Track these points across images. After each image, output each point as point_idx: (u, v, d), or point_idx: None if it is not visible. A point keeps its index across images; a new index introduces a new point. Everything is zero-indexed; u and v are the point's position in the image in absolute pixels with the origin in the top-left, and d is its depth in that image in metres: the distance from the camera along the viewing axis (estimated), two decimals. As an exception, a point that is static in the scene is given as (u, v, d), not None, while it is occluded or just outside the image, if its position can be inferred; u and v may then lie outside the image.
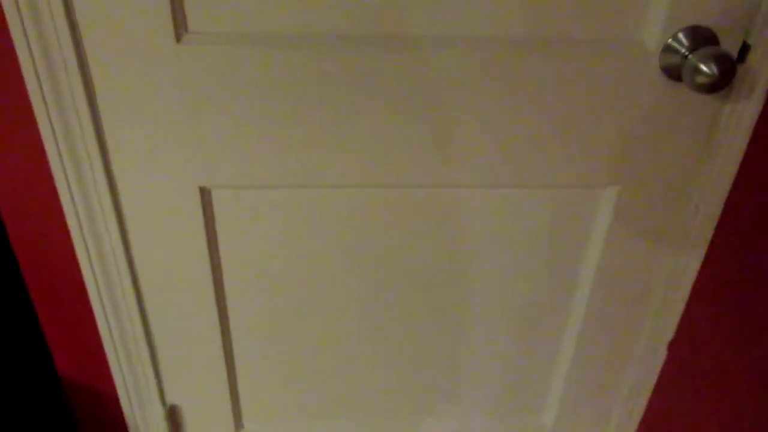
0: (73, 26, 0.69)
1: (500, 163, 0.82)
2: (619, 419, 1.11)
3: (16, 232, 0.86)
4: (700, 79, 0.69)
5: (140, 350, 0.97)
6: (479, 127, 0.78)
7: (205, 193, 0.83)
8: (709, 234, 0.88)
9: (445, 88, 0.75)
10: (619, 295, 0.96)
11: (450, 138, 0.79)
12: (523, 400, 1.11)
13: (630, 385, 1.06)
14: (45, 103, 0.73)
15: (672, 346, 1.00)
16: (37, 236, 0.86)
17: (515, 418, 1.13)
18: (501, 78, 0.75)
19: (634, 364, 1.04)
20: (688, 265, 0.91)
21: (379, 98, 0.75)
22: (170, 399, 1.04)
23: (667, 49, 0.73)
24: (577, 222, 0.89)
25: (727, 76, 0.68)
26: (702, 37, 0.72)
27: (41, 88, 0.73)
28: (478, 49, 0.73)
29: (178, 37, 0.71)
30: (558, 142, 0.80)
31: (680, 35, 0.73)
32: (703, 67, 0.68)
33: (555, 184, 0.84)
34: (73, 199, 0.81)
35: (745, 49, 0.74)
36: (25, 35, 0.69)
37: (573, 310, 0.99)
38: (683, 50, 0.72)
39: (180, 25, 0.70)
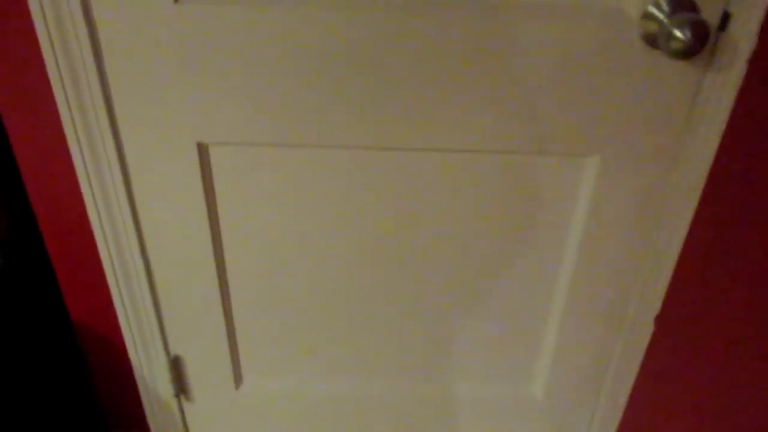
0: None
1: (490, 129, 0.84)
2: (608, 391, 1.12)
3: (34, 189, 0.92)
4: (675, 45, 0.70)
5: (145, 301, 1.03)
6: (468, 93, 0.81)
7: (202, 149, 0.88)
8: (693, 204, 0.88)
9: (433, 52, 0.78)
10: (605, 265, 0.97)
11: (440, 102, 0.82)
12: (513, 370, 1.13)
13: (618, 358, 1.07)
14: (57, 63, 0.79)
15: (659, 319, 1.01)
16: (52, 194, 0.92)
17: (506, 387, 1.15)
18: (486, 42, 0.77)
19: (622, 338, 1.05)
20: (673, 236, 0.92)
21: (371, 61, 0.79)
22: (174, 350, 1.10)
23: (647, 16, 0.75)
24: (561, 190, 0.91)
25: (700, 41, 0.69)
26: (681, 5, 0.74)
27: (54, 50, 0.78)
28: (463, 14, 0.75)
29: (177, -2, 0.76)
30: (541, 108, 0.82)
31: (660, 1, 0.74)
32: (677, 33, 0.70)
33: (539, 151, 0.86)
34: (83, 155, 0.87)
35: (726, 17, 0.75)
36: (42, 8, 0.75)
37: (560, 279, 1.00)
38: (662, 17, 0.73)
39: (178, -13, 0.75)
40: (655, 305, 0.99)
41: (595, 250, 0.95)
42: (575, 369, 1.10)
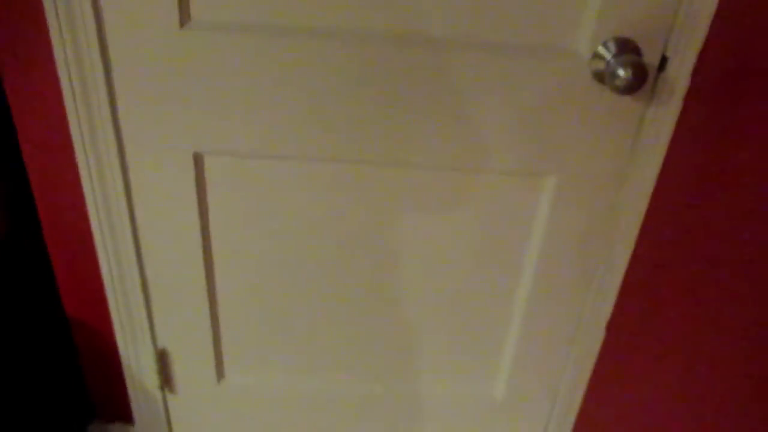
0: (96, 7, 0.83)
1: (458, 150, 0.94)
2: (565, 391, 1.22)
3: (38, 187, 1.00)
4: (618, 82, 0.81)
5: (137, 296, 1.10)
6: (441, 117, 0.91)
7: (198, 159, 0.96)
8: (638, 222, 0.99)
9: (409, 84, 0.88)
10: (562, 274, 1.07)
11: (415, 125, 0.92)
12: (474, 372, 1.22)
13: (574, 360, 1.17)
14: (69, 74, 0.87)
15: (610, 326, 1.11)
16: (55, 192, 1.00)
17: (467, 388, 1.24)
18: (457, 75, 0.87)
19: (577, 342, 1.15)
20: (622, 249, 1.02)
21: (354, 84, 0.88)
22: (161, 343, 1.17)
23: (596, 56, 0.85)
24: (522, 206, 1.01)
25: (640, 79, 0.80)
26: (626, 48, 0.84)
27: (67, 62, 0.87)
28: (435, 50, 0.85)
29: (182, 24, 0.84)
30: (505, 133, 0.92)
31: (609, 44, 0.85)
32: (620, 71, 0.80)
33: (501, 170, 0.96)
34: (87, 157, 0.95)
35: (664, 60, 0.86)
36: (57, 17, 0.83)
37: (520, 286, 1.10)
38: (609, 57, 0.84)
39: (184, 14, 0.84)
40: (607, 312, 1.10)
41: (553, 261, 1.05)
42: (534, 370, 1.20)
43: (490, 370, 1.22)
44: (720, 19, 0.82)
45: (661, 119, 0.90)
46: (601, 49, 0.85)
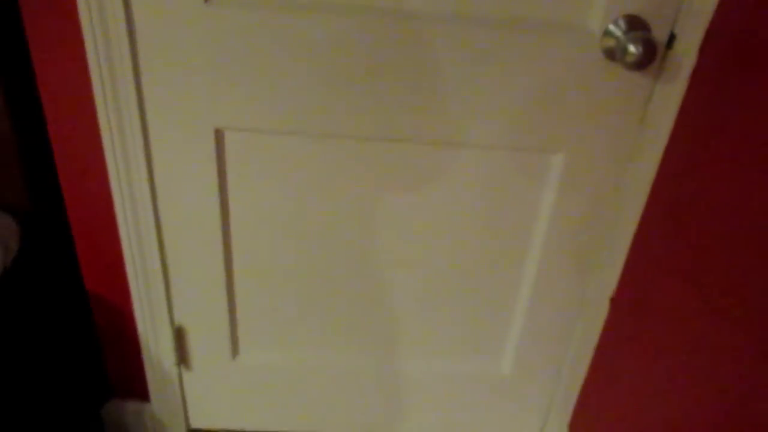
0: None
1: (474, 125, 0.97)
2: (570, 366, 1.25)
3: (62, 162, 1.02)
4: (629, 58, 0.84)
5: (156, 273, 1.13)
6: (456, 94, 0.94)
7: (219, 134, 0.99)
8: (643, 200, 1.02)
9: (425, 59, 0.91)
10: (568, 250, 1.11)
11: (432, 101, 0.95)
12: (481, 348, 1.26)
13: (579, 335, 1.20)
14: (97, 51, 0.90)
15: (613, 301, 1.14)
16: (79, 169, 1.03)
17: (474, 363, 1.28)
18: (470, 51, 0.90)
19: (582, 317, 1.19)
20: (626, 225, 1.05)
21: (369, 62, 0.91)
22: (178, 319, 1.20)
23: (607, 33, 0.89)
24: (530, 183, 1.04)
25: (650, 55, 0.83)
26: (636, 25, 0.88)
27: (95, 39, 0.89)
28: (454, 25, 0.89)
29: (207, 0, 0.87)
30: (516, 110, 0.96)
31: (619, 21, 0.88)
32: (632, 47, 0.84)
33: (511, 146, 0.99)
34: (111, 132, 0.97)
35: (672, 38, 0.89)
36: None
37: (527, 263, 1.14)
38: (619, 34, 0.87)
39: (209, -9, 0.87)
40: (610, 287, 1.13)
41: (559, 238, 1.09)
42: (540, 346, 1.23)
43: (497, 347, 1.25)
44: (726, -2, 0.85)
45: (668, 95, 0.93)
46: (611, 27, 0.88)
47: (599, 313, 1.16)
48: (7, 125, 0.98)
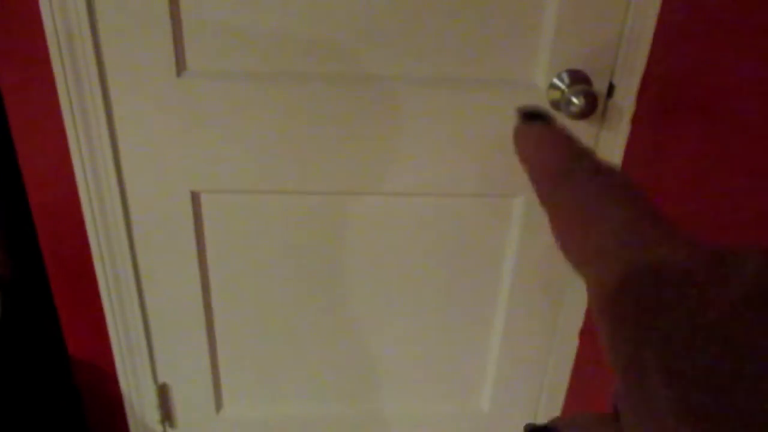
0: (99, 55, 0.91)
1: (431, 175, 1.03)
2: (546, 398, 1.29)
3: (44, 232, 1.06)
4: (573, 108, 0.92)
5: (138, 334, 1.16)
6: (410, 149, 1.00)
7: (195, 196, 1.04)
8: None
9: (387, 116, 0.97)
10: (535, 289, 1.16)
11: (392, 155, 1.01)
12: (460, 388, 1.29)
13: (553, 367, 1.25)
14: (73, 116, 0.95)
15: (582, 334, 1.19)
16: (58, 232, 1.06)
17: (454, 404, 1.31)
18: (430, 107, 0.97)
19: (554, 350, 1.23)
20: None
21: (332, 123, 0.97)
22: (161, 377, 1.22)
23: (552, 86, 0.96)
24: (494, 226, 1.10)
25: (591, 106, 0.91)
26: (578, 78, 0.95)
27: (71, 104, 0.94)
28: (413, 86, 0.95)
29: (179, 73, 0.93)
30: (471, 159, 1.02)
31: (563, 75, 0.95)
32: (574, 100, 0.91)
33: (472, 192, 1.05)
34: (90, 198, 1.02)
35: (611, 87, 0.97)
36: (62, 62, 0.91)
37: (499, 301, 1.19)
38: (563, 87, 0.95)
39: (180, 64, 0.93)
40: (579, 321, 1.18)
41: (526, 276, 1.14)
42: (517, 381, 1.27)
43: (475, 385, 1.29)
44: (656, 50, 0.93)
45: (612, 140, 1.00)
46: (556, 80, 0.96)
47: (571, 345, 1.21)
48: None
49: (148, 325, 1.16)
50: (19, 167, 1.01)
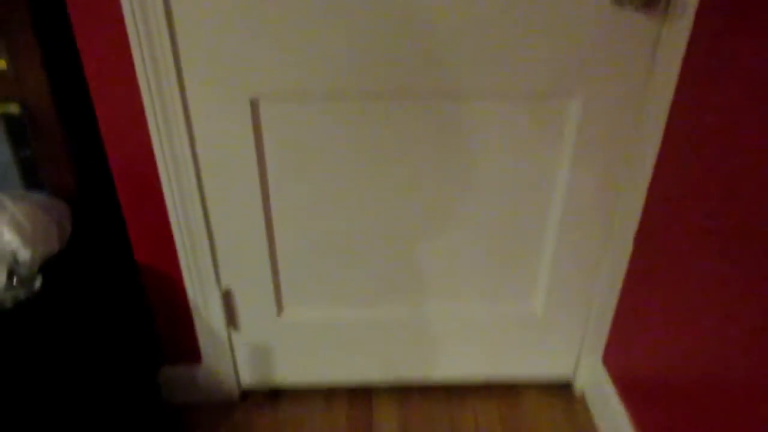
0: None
1: (494, 75, 1.03)
2: (599, 303, 1.32)
3: (111, 144, 1.10)
4: None
5: (202, 241, 1.21)
6: (477, 47, 1.00)
7: (254, 104, 1.06)
8: (657, 143, 1.08)
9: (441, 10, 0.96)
10: (592, 190, 1.16)
11: (453, 54, 1.01)
12: (513, 291, 1.32)
13: (606, 272, 1.27)
14: (135, 19, 0.97)
15: (636, 237, 1.20)
16: (126, 149, 1.10)
17: (507, 304, 1.35)
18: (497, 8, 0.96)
19: (608, 253, 1.25)
20: (645, 168, 1.11)
21: (394, 23, 0.97)
22: (225, 283, 1.28)
23: (614, -21, 0.93)
24: (552, 128, 1.10)
25: (655, -4, 0.88)
26: (641, -31, 0.92)
27: (132, 5, 0.96)
28: None
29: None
30: (530, 56, 1.01)
31: (625, -32, 0.93)
32: (638, -10, 0.89)
33: (528, 91, 1.05)
34: (154, 109, 1.05)
35: (677, -22, 0.94)
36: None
37: (553, 204, 1.20)
38: (626, -20, 0.92)
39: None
40: (633, 225, 1.19)
41: (583, 178, 1.15)
42: (570, 285, 1.30)
43: (529, 288, 1.32)
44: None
45: (674, 36, 0.98)
46: (618, -27, 0.93)
47: (625, 247, 1.22)
48: (53, 112, 1.06)
49: (212, 233, 1.21)
50: (84, 84, 1.04)
